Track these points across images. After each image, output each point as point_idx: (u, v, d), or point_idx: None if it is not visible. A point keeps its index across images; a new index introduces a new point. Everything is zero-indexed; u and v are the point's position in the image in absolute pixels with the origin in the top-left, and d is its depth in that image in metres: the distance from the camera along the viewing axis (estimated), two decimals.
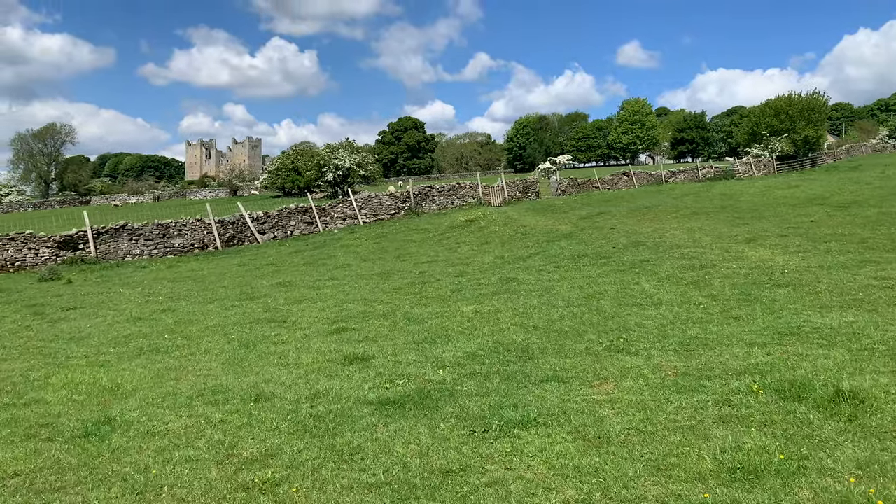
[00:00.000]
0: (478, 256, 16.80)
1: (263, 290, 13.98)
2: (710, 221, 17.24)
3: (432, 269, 15.61)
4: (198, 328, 10.23)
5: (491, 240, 19.18)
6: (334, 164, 54.36)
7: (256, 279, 16.16)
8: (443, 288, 12.53)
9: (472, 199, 32.52)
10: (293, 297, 12.67)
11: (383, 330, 9.15)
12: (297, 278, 15.63)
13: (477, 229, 21.78)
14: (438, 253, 18.45)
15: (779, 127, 56.29)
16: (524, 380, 6.37)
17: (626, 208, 22.56)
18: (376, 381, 6.61)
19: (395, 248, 20.72)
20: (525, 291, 11.02)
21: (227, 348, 8.65)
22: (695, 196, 23.48)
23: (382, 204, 29.79)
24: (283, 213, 26.95)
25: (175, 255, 23.01)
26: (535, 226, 20.41)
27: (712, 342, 7.08)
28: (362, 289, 13.28)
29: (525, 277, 12.38)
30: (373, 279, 14.63)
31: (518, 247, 17.14)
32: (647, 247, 13.94)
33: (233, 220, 25.15)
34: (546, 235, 18.01)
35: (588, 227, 18.39)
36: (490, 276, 13.20)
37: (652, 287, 10.15)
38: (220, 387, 6.73)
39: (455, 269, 15.05)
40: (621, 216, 20.14)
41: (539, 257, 14.85)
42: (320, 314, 10.75)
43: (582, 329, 8.20)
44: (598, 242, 15.51)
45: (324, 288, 13.72)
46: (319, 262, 18.97)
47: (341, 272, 16.30)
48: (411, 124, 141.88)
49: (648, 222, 18.02)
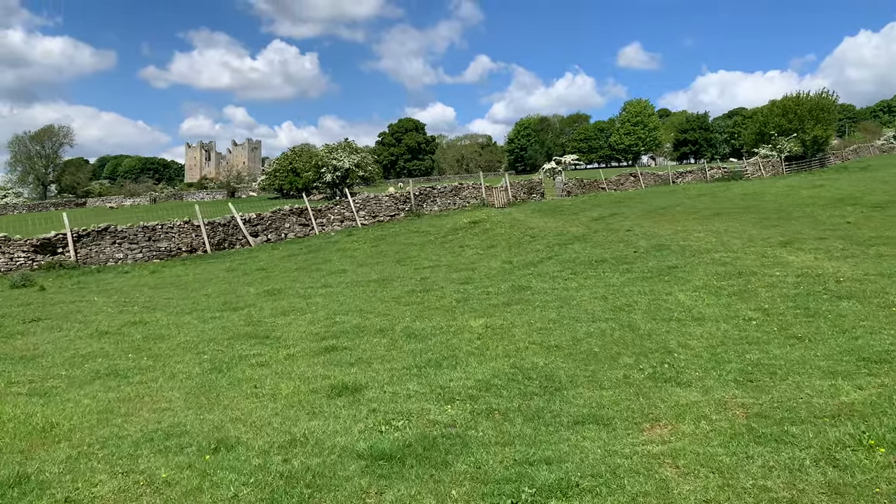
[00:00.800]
0: (484, 261, 15.51)
1: (249, 299, 12.70)
2: (736, 223, 15.94)
3: (435, 274, 14.33)
4: (168, 345, 8.95)
5: (497, 243, 17.89)
6: (333, 165, 53.10)
7: (243, 286, 14.87)
8: (447, 297, 11.25)
9: (474, 201, 31.24)
10: (280, 308, 11.38)
11: (379, 349, 7.86)
12: (288, 285, 14.34)
13: (481, 231, 20.49)
14: (441, 257, 17.16)
15: (787, 127, 54.99)
16: (554, 420, 5.08)
17: (639, 209, 21.27)
18: (369, 420, 5.32)
19: (394, 251, 19.44)
20: (541, 302, 9.74)
21: (195, 372, 7.37)
22: (712, 196, 22.21)
23: (382, 205, 28.51)
24: (276, 214, 25.66)
25: (161, 259, 21.72)
26: (544, 228, 19.12)
27: (781, 370, 5.79)
28: (358, 298, 12.00)
29: (539, 285, 11.09)
30: (370, 286, 13.35)
31: (527, 250, 15.85)
32: (672, 251, 12.65)
33: (223, 222, 23.87)
34: (557, 238, 16.72)
35: (602, 230, 17.10)
36: (499, 284, 11.92)
37: (688, 298, 8.86)
38: (176, 427, 5.44)
39: (460, 276, 13.77)
40: (636, 217, 18.85)
41: (552, 262, 13.56)
42: (309, 328, 9.46)
43: (615, 350, 6.91)
44: (615, 246, 14.22)
45: (315, 297, 12.44)
46: (313, 266, 17.69)
47: (336, 278, 15.02)
48: (412, 126, 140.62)
49: (667, 224, 16.72)
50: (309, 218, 26.43)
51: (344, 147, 55.39)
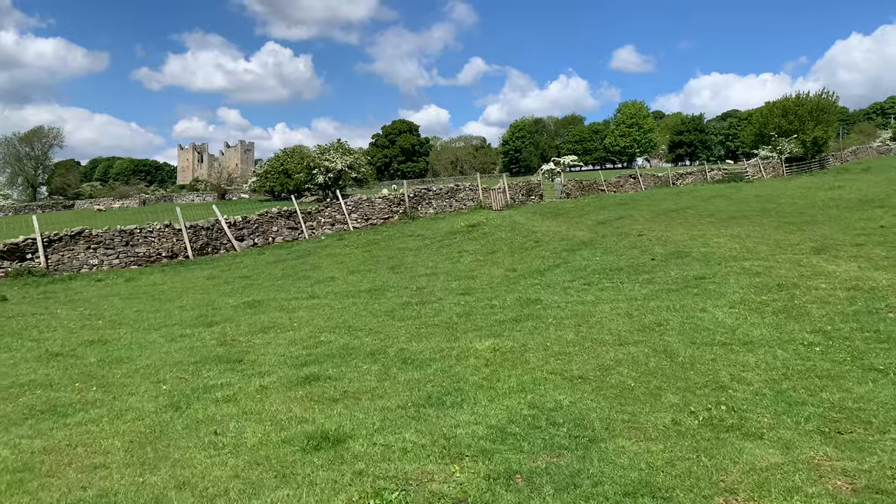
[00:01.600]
0: (485, 268, 14.32)
1: (226, 312, 11.46)
2: (756, 227, 14.81)
3: (432, 283, 13.13)
4: (125, 371, 7.70)
5: (498, 248, 16.69)
6: (325, 167, 51.84)
7: (222, 296, 13.62)
8: (446, 310, 10.05)
9: (471, 203, 30.04)
10: (260, 323, 10.14)
11: (369, 379, 6.64)
12: (271, 296, 13.10)
13: (480, 236, 19.29)
14: (438, 263, 15.95)
15: (787, 128, 54.09)
16: (595, 492, 3.88)
17: (647, 212, 20.12)
18: (353, 489, 4.11)
19: (388, 257, 18.21)
20: (554, 318, 8.53)
21: (148, 410, 6.13)
22: (724, 198, 21.14)
23: (375, 207, 27.28)
24: (264, 217, 24.39)
25: (140, 265, 20.42)
26: (547, 232, 17.94)
27: (876, 417, 4.61)
28: (347, 311, 10.77)
29: (550, 298, 9.89)
30: (361, 297, 12.13)
31: (532, 257, 14.66)
32: (694, 258, 11.48)
33: (207, 225, 22.57)
34: (563, 244, 15.54)
35: (610, 234, 15.93)
36: (504, 295, 10.72)
37: (727, 316, 7.67)
38: (103, 498, 4.21)
39: (459, 285, 12.56)
40: (645, 221, 17.70)
41: (561, 270, 12.36)
42: (289, 350, 8.23)
43: (654, 384, 5.72)
44: (628, 252, 13.04)
45: (300, 309, 11.20)
46: (300, 274, 16.44)
47: (324, 288, 13.78)
48: (405, 127, 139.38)
49: (681, 228, 15.59)
50: (298, 221, 25.16)
51: (336, 148, 54.09)
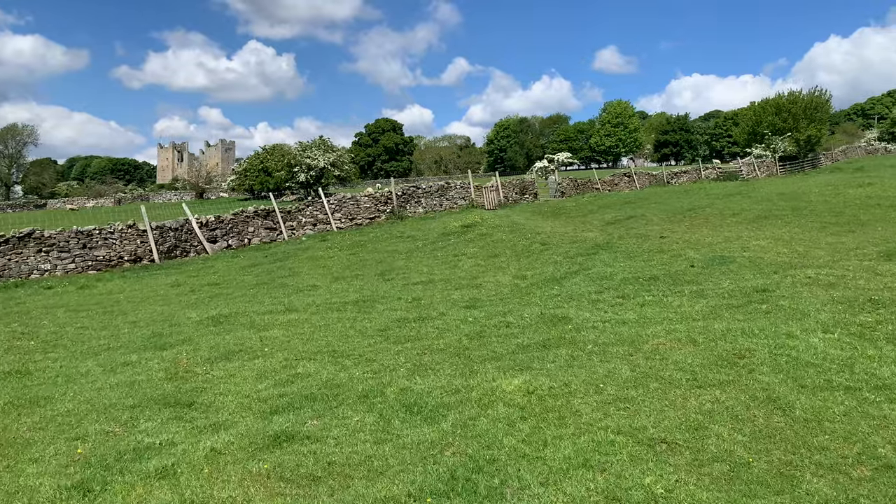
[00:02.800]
0: (489, 275, 12.51)
1: (186, 331, 9.53)
2: (796, 228, 13.19)
3: (430, 293, 11.30)
4: (38, 420, 5.79)
5: (501, 251, 14.89)
6: (306, 164, 49.75)
7: (185, 309, 11.67)
8: (452, 329, 8.24)
9: (462, 202, 28.24)
10: (224, 347, 8.25)
11: (363, 439, 4.80)
12: (241, 308, 11.18)
13: (478, 237, 17.48)
14: (434, 269, 14.11)
15: (781, 126, 52.97)
16: None
17: (660, 211, 18.43)
18: None
19: (376, 261, 16.34)
20: (595, 344, 6.74)
21: (46, 495, 4.24)
22: (742, 196, 19.53)
23: (360, 206, 25.36)
24: (239, 217, 22.38)
25: (99, 269, 18.34)
26: (553, 233, 16.19)
27: None
28: (331, 329, 8.91)
29: (580, 315, 8.09)
30: (347, 311, 10.26)
31: (542, 262, 12.87)
32: (742, 265, 9.77)
33: (175, 225, 20.53)
34: (574, 247, 13.78)
35: (627, 236, 14.20)
36: (520, 310, 8.92)
37: (829, 345, 5.92)
38: None
39: (462, 296, 10.75)
40: (662, 221, 16.02)
41: (581, 279, 10.58)
42: (256, 388, 6.36)
43: (777, 458, 3.93)
44: (657, 257, 11.30)
45: (274, 327, 9.31)
46: (277, 281, 14.51)
47: (303, 298, 11.88)
48: (389, 126, 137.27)
49: (705, 229, 13.91)
50: (277, 221, 23.18)
51: (319, 145, 51.99)
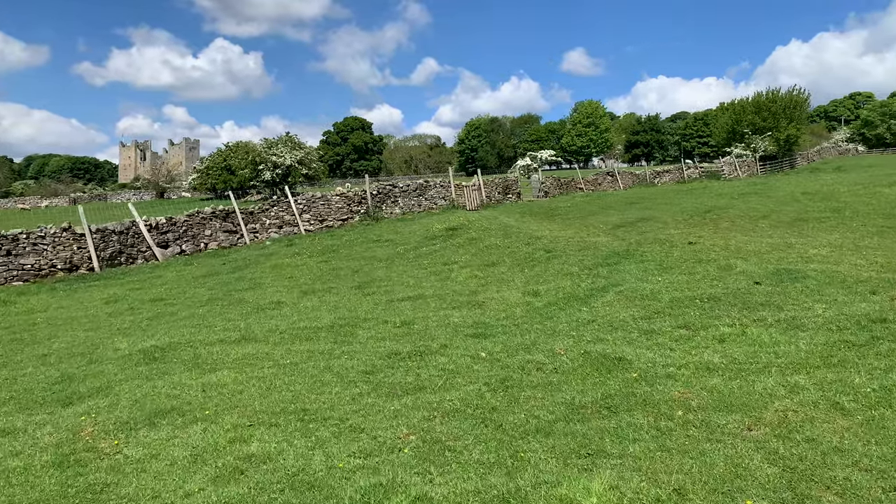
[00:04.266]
0: (491, 289, 10.40)
1: (107, 372, 7.22)
2: (850, 233, 11.40)
3: (422, 314, 9.14)
4: None
5: (498, 260, 12.79)
6: (272, 162, 47.10)
7: (115, 335, 9.31)
8: (464, 373, 6.13)
9: (443, 202, 26.09)
10: (151, 402, 5.98)
11: None
12: (186, 335, 8.87)
13: (467, 242, 15.36)
14: (422, 280, 11.95)
15: (761, 125, 52.09)
16: None
17: (671, 213, 16.53)
18: None
19: (352, 270, 14.11)
20: (686, 408, 4.67)
21: None
22: (760, 196, 17.80)
23: (331, 207, 23.02)
24: (194, 218, 19.89)
25: (26, 280, 15.73)
26: (556, 238, 14.16)
27: None
28: (299, 371, 6.70)
29: (640, 355, 6.01)
30: (320, 341, 8.04)
31: (553, 273, 10.80)
32: (821, 282, 7.84)
33: (120, 228, 17.97)
34: (588, 255, 11.75)
35: (645, 242, 12.23)
36: (547, 342, 6.85)
37: None
38: None
39: (464, 318, 8.62)
40: (679, 224, 14.13)
41: (613, 297, 8.51)
42: (183, 488, 4.13)
43: None
44: (700, 270, 9.31)
45: (224, 366, 7.06)
46: (234, 295, 12.18)
47: (265, 321, 9.60)
48: (358, 125, 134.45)
49: (738, 234, 12.04)
50: (237, 223, 20.74)
51: (285, 142, 49.31)
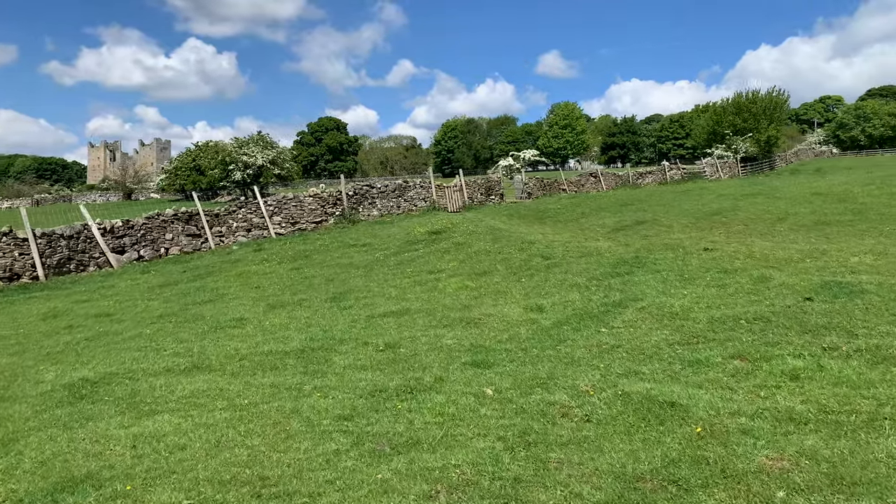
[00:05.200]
0: (486, 303, 9.09)
1: (18, 416, 5.77)
2: (884, 238, 10.32)
3: (408, 333, 7.81)
4: None
5: (490, 268, 11.49)
6: (243, 162, 45.33)
7: (42, 362, 7.80)
8: (468, 421, 4.83)
9: (423, 203, 24.75)
10: (62, 465, 4.57)
11: None
12: (127, 362, 7.42)
13: (453, 247, 14.05)
14: (406, 291, 10.60)
15: (742, 126, 51.66)
16: None
17: (672, 215, 15.41)
18: None
19: (326, 278, 12.70)
20: (786, 487, 3.42)
21: None
22: (767, 197, 16.72)
23: (304, 208, 21.53)
24: (154, 221, 18.27)
25: None
26: (551, 243, 12.92)
27: None
28: (258, 415, 5.33)
29: (694, 398, 4.74)
30: (287, 371, 6.67)
31: (556, 284, 9.53)
32: (886, 298, 6.70)
33: (70, 233, 16.30)
34: (591, 262, 10.52)
35: (653, 247, 11.05)
36: (566, 373, 5.58)
37: None
38: None
39: (458, 340, 7.31)
40: (685, 228, 12.99)
41: (635, 316, 7.26)
42: None
43: None
44: (731, 281, 8.11)
45: (164, 410, 5.65)
46: (191, 310, 10.69)
47: (223, 342, 8.17)
48: (332, 125, 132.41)
49: (757, 238, 10.94)
50: (202, 226, 19.15)
51: (257, 141, 47.53)
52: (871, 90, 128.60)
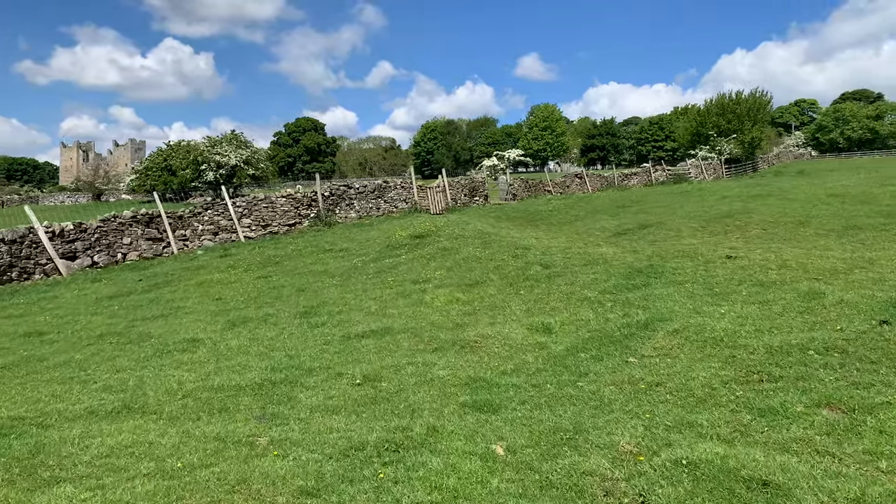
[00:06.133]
0: (482, 321, 7.79)
1: None
2: None
3: (391, 360, 6.47)
4: None
5: (483, 277, 10.17)
6: (216, 162, 43.49)
7: None
8: (476, 497, 3.50)
9: (404, 205, 23.38)
10: None
11: None
12: (41, 402, 5.98)
13: (439, 253, 12.73)
14: (387, 305, 9.25)
15: (726, 127, 51.07)
16: None
17: (678, 217, 14.25)
18: None
19: (296, 289, 11.30)
20: None
21: None
22: (779, 198, 15.62)
23: (276, 210, 20.04)
24: (110, 224, 16.69)
25: None
26: (546, 248, 11.66)
27: None
28: (194, 488, 3.94)
29: (795, 474, 3.47)
30: (238, 414, 5.29)
31: (561, 298, 8.25)
32: None
33: (12, 237, 14.68)
34: (598, 271, 9.26)
35: (667, 255, 9.83)
36: (597, 424, 4.32)
37: None
38: None
39: (452, 369, 6.00)
40: (696, 232, 11.84)
41: (667, 340, 6.00)
42: None
43: None
44: (776, 297, 6.89)
45: (71, 476, 4.23)
46: (138, 327, 9.23)
47: (168, 372, 6.75)
48: (310, 125, 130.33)
49: (783, 245, 9.80)
50: (163, 229, 17.59)
51: (230, 140, 45.70)
52: (844, 94, 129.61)
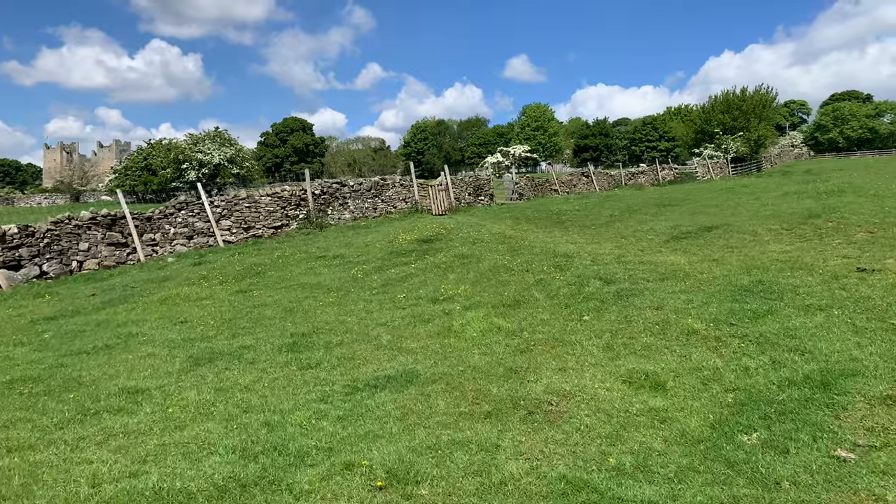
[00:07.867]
0: (545, 364, 5.49)
1: None
2: None
3: (426, 441, 4.17)
4: None
5: (525, 295, 7.86)
6: (198, 160, 41.03)
7: None
8: None
9: (404, 204, 21.04)
10: None
11: None
12: None
13: (457, 261, 10.42)
14: (403, 334, 6.92)
15: (731, 124, 49.15)
16: None
17: (742, 218, 12.02)
18: None
19: (283, 309, 8.94)
20: None
21: None
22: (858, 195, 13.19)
23: (260, 210, 17.61)
24: (64, 227, 14.21)
25: None
26: (594, 257, 9.40)
27: None
28: None
29: None
30: None
31: (648, 328, 5.98)
32: None
33: None
34: (683, 289, 7.01)
35: (771, 268, 7.60)
36: None
37: None
38: None
39: (532, 463, 3.70)
40: (779, 236, 9.62)
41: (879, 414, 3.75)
42: None
43: None
44: None
45: None
46: (69, 367, 6.84)
47: (83, 453, 4.39)
48: (298, 125, 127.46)
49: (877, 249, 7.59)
50: (128, 232, 15.14)
51: (213, 137, 43.23)
52: (834, 95, 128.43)
